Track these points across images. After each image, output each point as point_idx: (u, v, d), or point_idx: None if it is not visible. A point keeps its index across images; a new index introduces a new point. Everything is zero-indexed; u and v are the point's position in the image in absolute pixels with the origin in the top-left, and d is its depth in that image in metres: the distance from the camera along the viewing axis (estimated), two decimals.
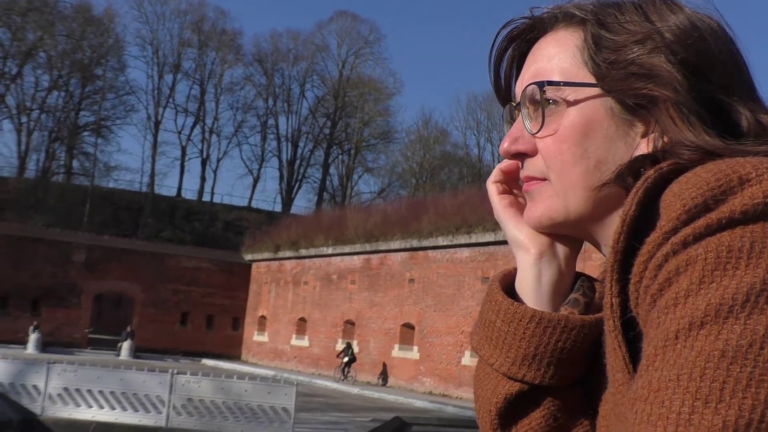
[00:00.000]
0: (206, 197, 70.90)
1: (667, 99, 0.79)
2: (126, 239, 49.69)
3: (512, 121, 0.92)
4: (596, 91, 0.83)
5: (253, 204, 74.10)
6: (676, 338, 0.62)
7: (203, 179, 71.32)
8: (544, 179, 0.86)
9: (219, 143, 75.28)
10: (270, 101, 75.19)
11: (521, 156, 0.89)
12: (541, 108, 0.85)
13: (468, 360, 29.70)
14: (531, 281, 0.88)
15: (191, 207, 67.48)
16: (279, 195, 75.84)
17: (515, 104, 0.91)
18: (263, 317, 45.52)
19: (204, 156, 72.43)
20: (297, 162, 75.62)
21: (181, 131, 72.39)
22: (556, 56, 0.86)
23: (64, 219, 54.45)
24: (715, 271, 0.62)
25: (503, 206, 0.93)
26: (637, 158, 0.80)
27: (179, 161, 71.62)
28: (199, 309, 46.71)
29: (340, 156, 78.03)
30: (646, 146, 0.81)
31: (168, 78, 71.29)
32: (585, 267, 0.91)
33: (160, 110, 70.43)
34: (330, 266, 39.98)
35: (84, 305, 43.94)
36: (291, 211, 68.71)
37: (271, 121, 75.91)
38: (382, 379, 34.63)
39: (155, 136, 70.01)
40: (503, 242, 27.56)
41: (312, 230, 42.44)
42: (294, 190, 75.23)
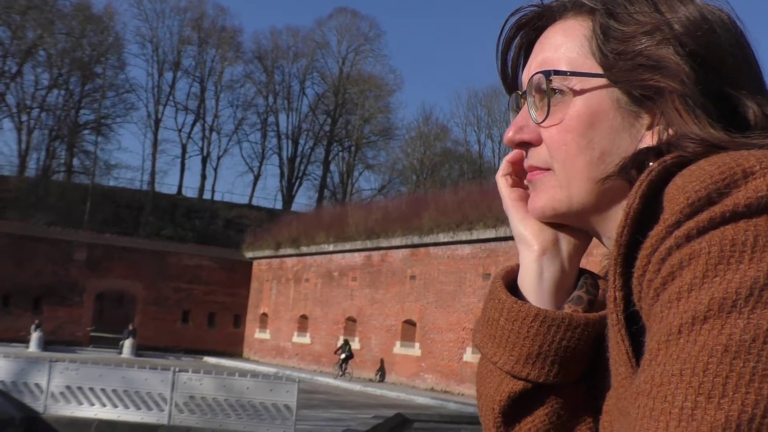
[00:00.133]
0: (207, 195, 70.93)
1: (674, 91, 0.78)
2: (127, 237, 49.75)
3: (518, 110, 0.92)
4: (603, 82, 0.82)
5: (254, 201, 74.09)
6: (679, 332, 0.62)
7: (204, 177, 71.31)
8: (548, 169, 0.86)
9: (219, 141, 75.26)
10: (270, 98, 75.18)
11: (525, 145, 0.89)
12: (547, 97, 0.84)
13: (469, 356, 29.71)
14: (533, 278, 0.88)
15: (192, 205, 67.47)
16: (279, 192, 75.85)
17: (521, 93, 0.91)
18: (265, 315, 45.55)
19: (204, 154, 72.40)
20: (297, 159, 75.60)
21: (182, 129, 72.41)
22: (564, 45, 0.86)
23: (65, 217, 54.46)
24: (719, 265, 0.62)
25: (512, 200, 0.92)
26: (641, 151, 0.79)
27: (180, 159, 71.62)
28: (201, 307, 46.75)
29: (341, 153, 78.04)
30: (651, 138, 0.81)
31: (168, 76, 71.29)
32: (586, 263, 0.90)
33: (161, 108, 70.41)
34: (331, 263, 39.99)
35: (86, 303, 43.99)
36: (292, 209, 68.68)
37: (272, 119, 75.93)
38: (380, 376, 34.74)
39: (155, 134, 70.00)
40: (504, 238, 27.56)
41: (313, 227, 42.45)
42: (294, 188, 75.23)
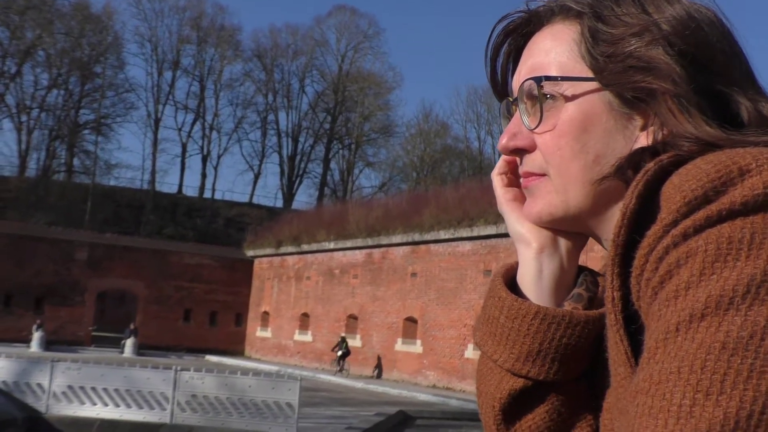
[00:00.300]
0: (207, 194, 70.99)
1: (666, 91, 0.78)
2: (128, 237, 49.75)
3: (509, 117, 0.92)
4: (594, 85, 0.82)
5: (255, 200, 74.14)
6: (677, 330, 0.62)
7: (204, 176, 71.35)
8: (543, 175, 0.86)
9: (219, 139, 75.26)
10: (270, 97, 75.17)
11: (520, 152, 0.88)
12: (539, 103, 0.84)
13: (471, 353, 29.71)
14: (532, 275, 0.88)
15: (192, 204, 67.51)
16: (280, 191, 75.88)
17: (512, 99, 0.90)
18: (266, 313, 45.56)
19: (204, 152, 72.42)
20: (297, 157, 75.59)
21: (182, 128, 72.45)
22: (553, 50, 0.86)
23: (66, 217, 54.49)
24: (716, 263, 0.62)
25: (507, 199, 0.92)
26: (637, 151, 0.79)
27: (180, 158, 71.66)
28: (202, 305, 46.76)
29: (341, 151, 78.05)
30: (646, 139, 0.80)
31: (167, 75, 71.31)
32: (586, 260, 0.90)
33: (160, 107, 70.44)
34: (332, 261, 40.00)
35: (87, 303, 44.00)
36: (292, 207, 68.72)
37: (271, 117, 75.94)
38: (377, 373, 34.85)
39: (155, 134, 70.04)
40: (505, 235, 27.57)
41: (313, 225, 42.43)
42: (295, 186, 75.23)
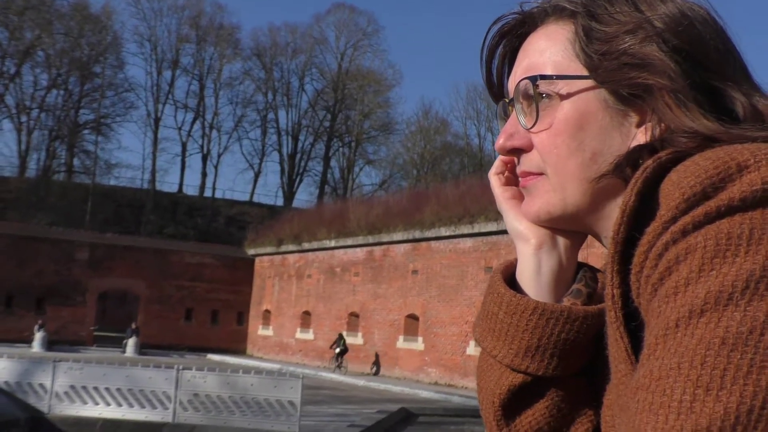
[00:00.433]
0: (208, 193, 70.98)
1: (663, 87, 0.78)
2: (129, 236, 49.78)
3: (506, 118, 0.92)
4: (589, 83, 0.83)
5: (255, 198, 74.13)
6: (677, 326, 0.62)
7: (204, 175, 71.33)
8: (541, 174, 0.86)
9: (219, 138, 75.25)
10: (269, 95, 75.14)
11: (517, 152, 0.89)
12: (535, 102, 0.85)
13: (473, 350, 29.73)
14: (531, 272, 0.88)
15: (193, 203, 67.52)
16: (280, 189, 75.83)
17: (508, 100, 0.91)
18: (267, 311, 45.59)
19: (204, 151, 72.40)
20: (298, 156, 75.57)
21: (181, 127, 72.42)
22: (548, 50, 0.86)
23: (67, 217, 54.51)
24: (715, 259, 0.62)
25: (505, 198, 0.92)
26: (635, 149, 0.79)
27: (180, 157, 71.63)
28: (204, 304, 46.78)
29: (341, 149, 78.02)
30: (643, 136, 0.81)
31: (167, 74, 71.28)
32: (587, 256, 0.90)
33: (160, 107, 70.41)
34: (333, 259, 40.01)
35: (88, 303, 44.03)
36: (293, 205, 68.73)
37: (271, 115, 75.91)
38: (375, 370, 34.96)
39: (155, 133, 70.02)
40: (506, 231, 27.35)
41: (314, 223, 42.44)
42: (295, 184, 75.21)
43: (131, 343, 40.37)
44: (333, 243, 39.85)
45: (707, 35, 0.81)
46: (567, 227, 0.88)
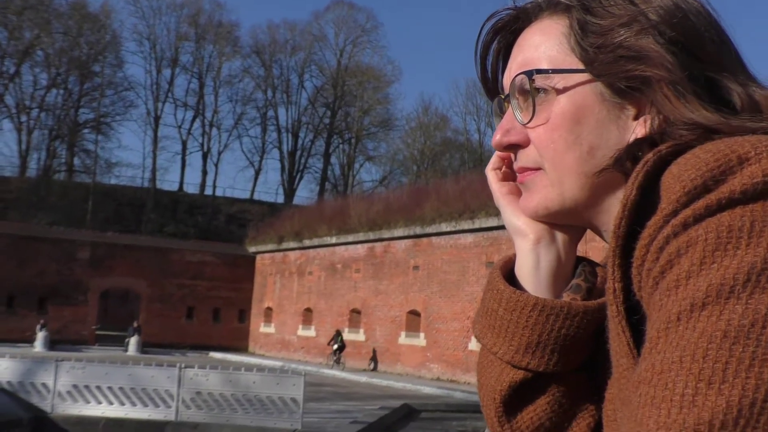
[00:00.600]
0: (208, 191, 71.04)
1: (661, 79, 0.78)
2: (130, 235, 49.82)
3: (502, 114, 0.92)
4: (585, 77, 0.83)
5: (256, 196, 74.22)
6: (678, 320, 0.62)
7: (205, 173, 71.40)
8: (539, 169, 0.86)
9: (219, 136, 75.40)
10: (269, 93, 75.18)
11: (514, 147, 0.89)
12: (531, 97, 0.84)
13: (474, 345, 29.73)
14: (529, 267, 0.88)
15: (194, 201, 67.54)
16: (281, 186, 75.94)
17: (504, 96, 0.91)
18: (269, 309, 45.61)
19: (205, 149, 72.46)
20: (298, 153, 75.60)
21: (181, 125, 72.48)
22: (543, 44, 0.86)
23: (67, 217, 54.57)
24: (716, 252, 0.62)
25: (503, 193, 0.92)
26: (636, 142, 0.79)
27: (180, 156, 71.71)
28: (205, 302, 46.81)
29: (341, 145, 78.03)
30: (641, 128, 0.81)
31: (166, 72, 71.32)
32: (588, 250, 0.90)
33: (160, 105, 70.48)
34: (334, 256, 40.01)
35: (90, 302, 44.05)
36: (293, 202, 68.75)
37: (271, 113, 75.98)
38: (373, 365, 35.13)
39: (155, 131, 70.05)
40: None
41: (315, 220, 42.44)
42: (296, 181, 75.24)
43: (133, 342, 40.40)
44: (334, 240, 39.85)
45: (702, 27, 0.81)
46: (565, 222, 0.88)
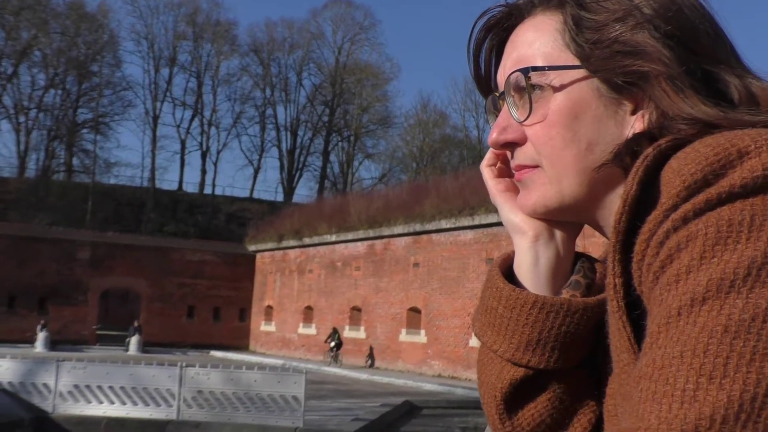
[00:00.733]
0: (207, 190, 71.01)
1: (659, 73, 0.77)
2: (129, 235, 49.80)
3: (496, 112, 0.91)
4: (582, 73, 0.82)
5: (255, 194, 74.21)
6: (679, 315, 0.62)
7: (204, 172, 71.37)
8: (536, 166, 0.85)
9: (218, 135, 75.44)
10: (267, 91, 75.12)
11: (511, 145, 0.88)
12: (528, 95, 0.84)
13: (475, 342, 29.67)
14: (528, 264, 0.88)
15: (193, 200, 67.51)
16: (280, 185, 75.88)
17: (499, 94, 0.90)
18: (270, 307, 45.62)
19: (204, 148, 72.43)
20: (297, 151, 75.57)
21: (180, 125, 72.46)
22: (537, 41, 0.85)
23: (67, 217, 54.55)
24: (716, 246, 0.62)
25: (499, 190, 0.92)
26: (634, 137, 0.79)
27: (179, 155, 71.71)
28: (206, 301, 46.82)
29: (340, 143, 78.00)
30: (639, 123, 0.80)
31: (164, 72, 71.30)
32: (587, 246, 0.90)
33: (158, 104, 70.44)
34: (334, 254, 40.01)
35: (90, 302, 44.05)
36: (293, 200, 68.70)
37: (270, 111, 75.93)
38: (370, 362, 35.25)
39: (154, 131, 70.02)
40: None
41: (315, 218, 42.43)
42: (295, 179, 75.21)
43: (134, 342, 40.40)
44: (334, 237, 39.84)
45: (696, 20, 0.80)
46: (564, 218, 0.88)
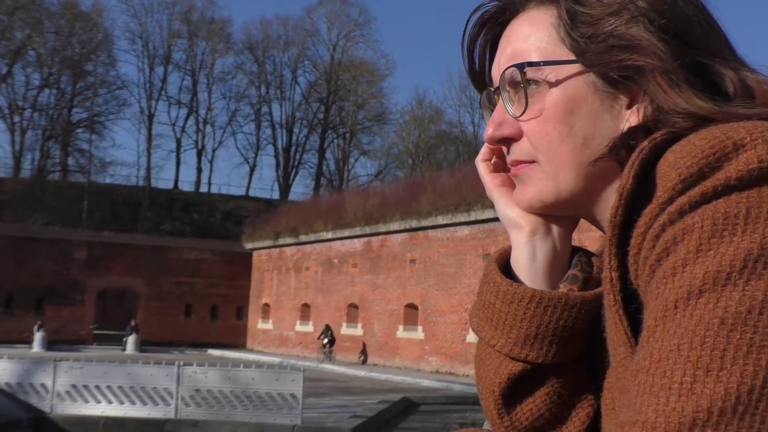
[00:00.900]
0: (203, 188, 70.86)
1: (654, 68, 0.77)
2: (126, 234, 49.74)
3: (490, 107, 0.91)
4: (577, 68, 0.82)
5: (251, 192, 74.03)
6: (675, 308, 0.62)
7: (199, 170, 71.25)
8: (533, 162, 0.85)
9: (213, 133, 75.53)
10: (263, 89, 75.00)
11: (506, 141, 0.88)
12: (524, 90, 0.83)
13: (473, 337, 29.75)
14: (525, 259, 0.88)
15: (189, 199, 67.40)
16: (276, 182, 75.71)
17: (494, 89, 0.90)
18: (267, 305, 45.61)
19: (199, 147, 72.31)
20: (292, 148, 75.47)
21: (175, 123, 72.31)
22: (532, 36, 0.85)
23: (63, 217, 54.46)
24: (712, 239, 0.62)
25: (495, 185, 0.92)
26: (630, 130, 0.78)
27: (175, 153, 71.57)
28: (203, 300, 46.80)
29: (336, 140, 77.91)
30: (635, 117, 0.80)
31: (159, 70, 71.12)
32: (584, 240, 0.90)
33: (153, 103, 70.26)
34: (331, 251, 40.00)
35: (87, 302, 44.01)
36: (289, 198, 68.66)
37: (265, 109, 75.78)
38: (363, 358, 35.38)
39: (149, 130, 69.87)
40: None
41: (311, 216, 42.41)
42: (291, 177, 75.12)
43: (131, 341, 40.35)
44: (330, 235, 39.83)
45: (691, 12, 0.80)
46: (560, 213, 0.88)
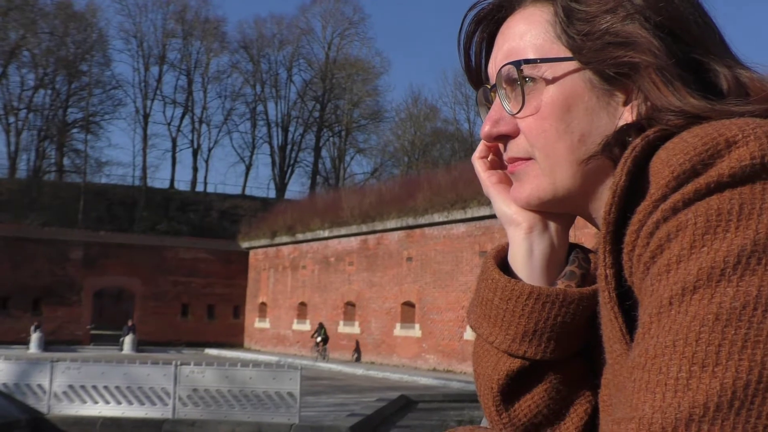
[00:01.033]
0: (200, 187, 70.76)
1: (649, 65, 0.77)
2: (122, 234, 49.68)
3: (487, 104, 0.91)
4: (574, 65, 0.82)
5: (247, 191, 74.11)
6: (670, 304, 0.62)
7: (195, 169, 71.15)
8: (529, 159, 0.86)
9: (209, 132, 75.07)
10: (258, 88, 74.88)
11: (503, 138, 0.88)
12: (520, 87, 0.84)
13: (470, 335, 29.76)
14: (523, 255, 0.88)
15: (185, 198, 67.28)
16: (272, 181, 75.64)
17: (490, 86, 0.90)
18: (263, 304, 45.59)
19: (195, 146, 72.19)
20: (288, 147, 75.39)
21: (171, 122, 72.13)
22: (528, 33, 0.85)
23: (59, 217, 54.34)
24: (706, 235, 0.62)
25: (492, 182, 0.92)
26: (623, 128, 0.79)
27: (170, 153, 71.39)
28: (200, 299, 46.78)
29: (331, 138, 77.85)
30: (630, 114, 0.80)
31: (154, 70, 71.00)
32: (581, 237, 0.90)
33: (148, 103, 70.15)
34: (327, 249, 40.00)
35: (84, 302, 43.96)
36: (285, 197, 68.58)
37: (260, 108, 75.68)
38: (356, 356, 35.56)
39: (145, 129, 69.78)
40: None
41: (307, 214, 42.39)
42: (287, 176, 75.06)
43: (128, 341, 40.33)
44: (326, 233, 39.82)
45: (686, 10, 0.80)
46: (557, 210, 0.88)
